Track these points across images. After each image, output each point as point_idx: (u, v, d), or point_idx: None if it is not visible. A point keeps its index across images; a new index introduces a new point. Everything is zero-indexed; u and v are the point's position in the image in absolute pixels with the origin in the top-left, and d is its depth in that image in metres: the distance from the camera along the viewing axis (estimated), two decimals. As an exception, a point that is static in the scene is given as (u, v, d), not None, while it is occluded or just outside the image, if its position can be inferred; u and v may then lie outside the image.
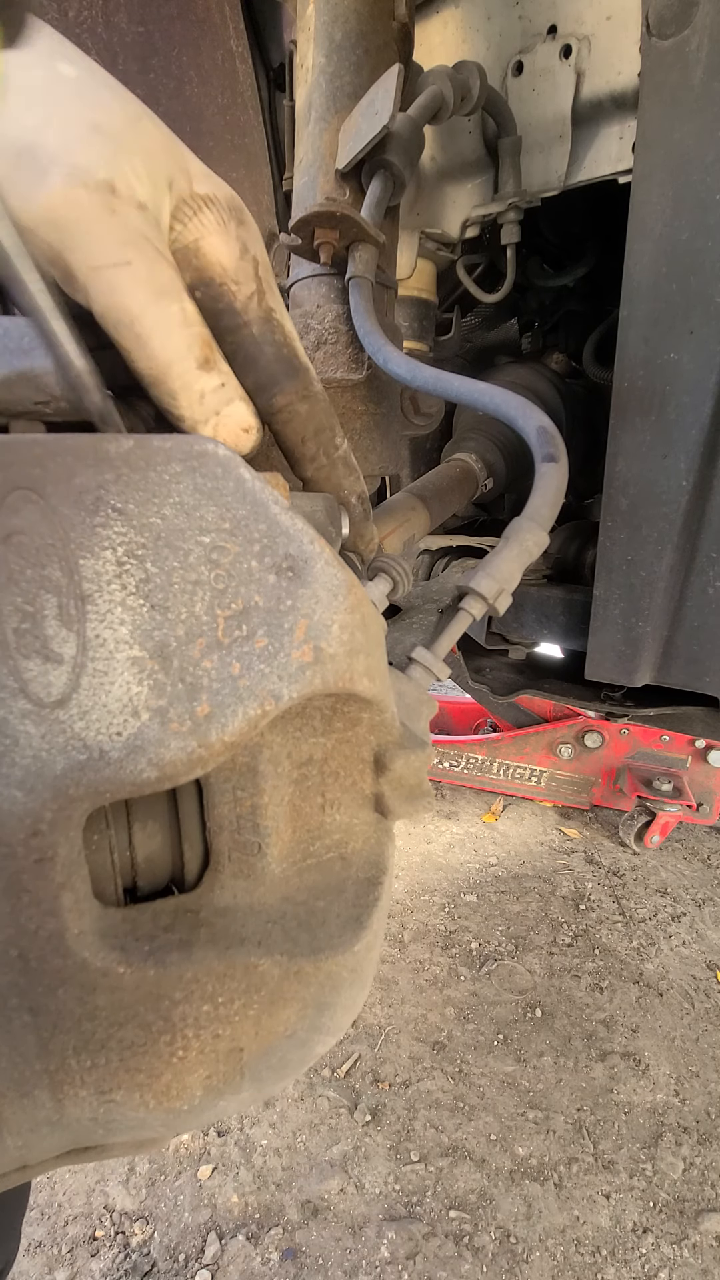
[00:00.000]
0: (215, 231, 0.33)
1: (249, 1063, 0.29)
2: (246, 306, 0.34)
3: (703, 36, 0.59)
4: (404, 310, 0.94)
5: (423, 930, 2.02)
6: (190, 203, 0.32)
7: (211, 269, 0.33)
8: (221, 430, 0.33)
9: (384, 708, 0.32)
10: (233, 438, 0.33)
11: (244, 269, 0.34)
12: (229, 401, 0.33)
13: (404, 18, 0.69)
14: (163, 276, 0.30)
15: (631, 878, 2.30)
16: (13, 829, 0.23)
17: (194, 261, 0.33)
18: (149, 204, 0.30)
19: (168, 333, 0.30)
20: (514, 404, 0.52)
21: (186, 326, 0.31)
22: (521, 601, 1.00)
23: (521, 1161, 1.40)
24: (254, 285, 0.34)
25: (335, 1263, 1.22)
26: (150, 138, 0.31)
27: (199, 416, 0.32)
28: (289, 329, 0.37)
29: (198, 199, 0.32)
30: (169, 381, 0.31)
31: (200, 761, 0.25)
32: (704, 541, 0.73)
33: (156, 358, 0.30)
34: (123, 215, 0.29)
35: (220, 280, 0.33)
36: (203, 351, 0.32)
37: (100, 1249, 1.24)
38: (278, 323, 0.36)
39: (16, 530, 0.23)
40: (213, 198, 0.33)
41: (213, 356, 0.32)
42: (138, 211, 0.29)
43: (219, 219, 0.33)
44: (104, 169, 0.28)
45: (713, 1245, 1.26)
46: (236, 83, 0.97)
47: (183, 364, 0.31)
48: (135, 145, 0.30)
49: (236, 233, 0.34)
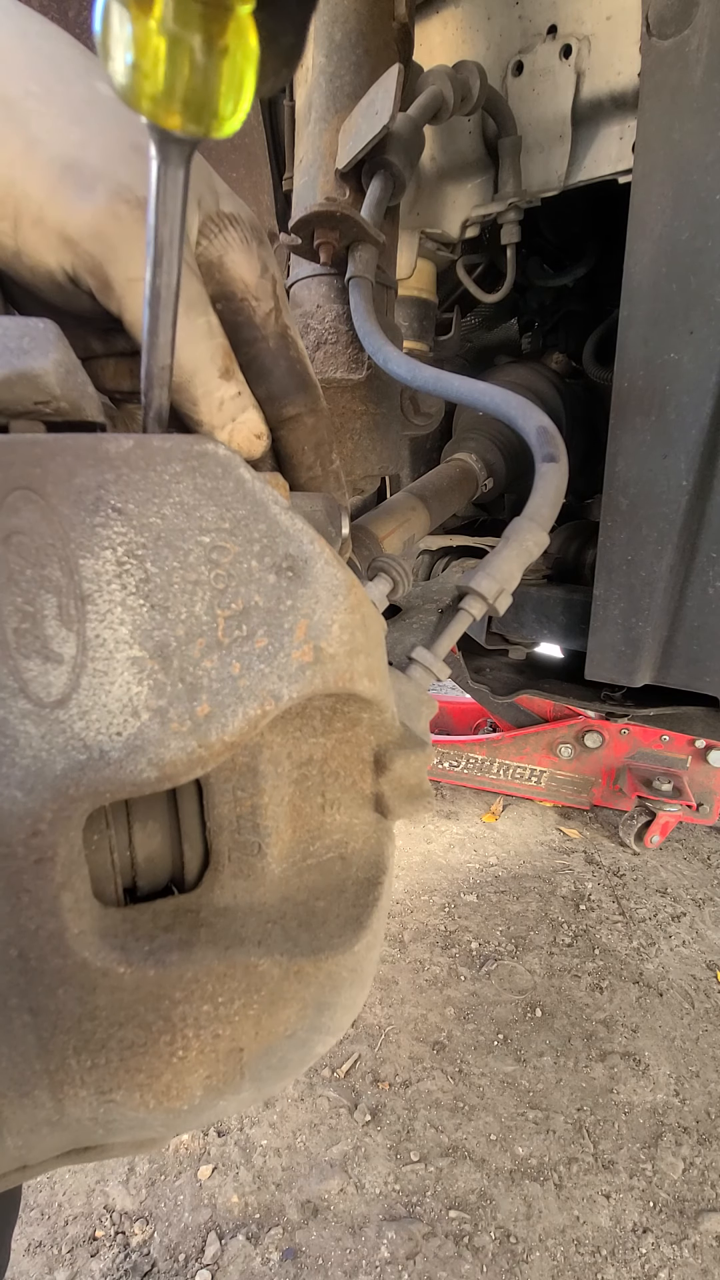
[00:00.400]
0: (238, 249, 0.35)
1: (249, 1063, 0.29)
2: (265, 322, 0.36)
3: (703, 36, 0.59)
4: (404, 310, 0.94)
5: (423, 930, 2.02)
6: (216, 220, 0.34)
7: (234, 284, 0.35)
8: (236, 435, 0.35)
9: (384, 708, 0.32)
10: (246, 443, 0.35)
11: (264, 286, 0.36)
12: (244, 409, 0.34)
13: (404, 18, 0.69)
14: (191, 290, 0.32)
15: (631, 878, 2.30)
16: (13, 829, 0.23)
17: (217, 276, 0.35)
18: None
19: (194, 343, 0.32)
20: (514, 404, 0.52)
21: (211, 338, 0.33)
22: (521, 601, 1.00)
23: (521, 1161, 1.40)
24: (272, 303, 0.36)
25: (335, 1263, 1.22)
26: None
27: (217, 422, 0.34)
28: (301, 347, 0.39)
29: (223, 217, 0.34)
30: (192, 389, 0.33)
31: (200, 761, 0.25)
32: (704, 541, 0.73)
33: (182, 367, 0.32)
34: None
35: (242, 295, 0.35)
36: (224, 362, 0.33)
37: (100, 1249, 1.24)
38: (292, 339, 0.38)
39: (16, 530, 0.23)
40: (237, 217, 0.35)
41: (232, 367, 0.34)
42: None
43: (242, 237, 0.35)
44: (142, 186, 0.30)
45: (713, 1245, 1.26)
46: (236, 83, 0.97)
47: (206, 373, 0.33)
48: None
49: (258, 252, 0.35)
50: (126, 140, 0.31)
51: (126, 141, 0.31)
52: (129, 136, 0.31)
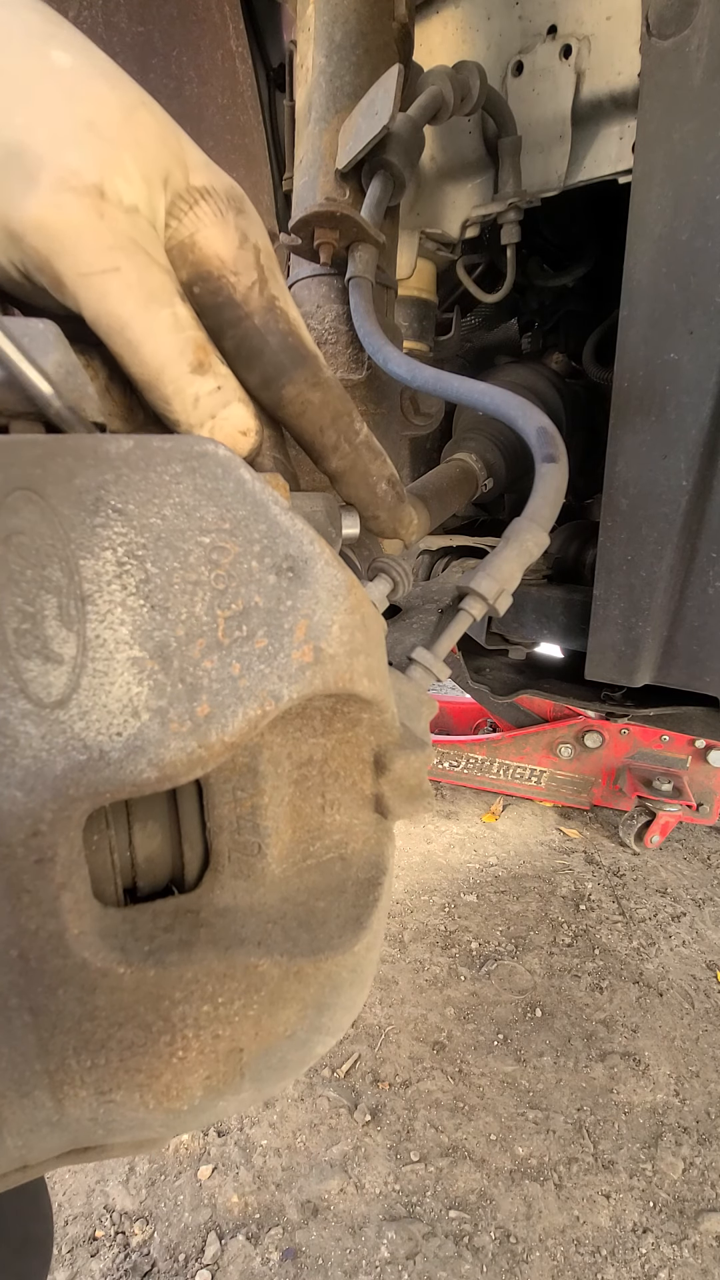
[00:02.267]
0: (211, 224, 0.32)
1: (249, 1063, 0.29)
2: (247, 297, 0.34)
3: (703, 36, 0.59)
4: (404, 310, 0.94)
5: (423, 930, 2.02)
6: (186, 197, 0.32)
7: (209, 262, 0.33)
8: (218, 434, 0.33)
9: (384, 708, 0.32)
10: (230, 441, 0.33)
11: (243, 258, 0.33)
12: (226, 404, 0.33)
13: (404, 18, 0.69)
14: (153, 281, 0.30)
15: (631, 878, 2.30)
16: (13, 829, 0.23)
17: (190, 256, 0.32)
18: (141, 205, 0.29)
19: (159, 338, 0.30)
20: (514, 404, 0.52)
21: (178, 331, 0.31)
22: (521, 601, 1.00)
23: (521, 1161, 1.40)
24: (255, 274, 0.34)
25: (335, 1263, 1.22)
26: (146, 130, 0.30)
27: (194, 421, 0.32)
28: (294, 316, 0.36)
29: (194, 192, 0.32)
30: (162, 386, 0.31)
31: (200, 762, 0.25)
32: (704, 541, 0.73)
33: (148, 363, 0.30)
34: (111, 220, 0.28)
35: (218, 273, 0.33)
36: (196, 356, 0.31)
37: (100, 1249, 1.24)
38: (281, 311, 0.35)
39: (16, 530, 0.23)
40: (210, 189, 0.32)
41: (207, 360, 0.32)
42: (127, 215, 0.29)
43: (215, 210, 0.32)
44: (94, 171, 0.28)
45: (713, 1245, 1.26)
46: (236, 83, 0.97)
47: (175, 369, 0.31)
48: (129, 142, 0.29)
49: (235, 222, 0.33)
50: (79, 117, 0.28)
51: (79, 118, 0.28)
52: (82, 112, 0.28)
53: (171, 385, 0.31)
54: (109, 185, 0.28)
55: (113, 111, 0.29)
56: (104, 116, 0.28)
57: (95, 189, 0.28)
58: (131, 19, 0.88)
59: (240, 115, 0.98)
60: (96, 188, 0.28)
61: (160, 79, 0.93)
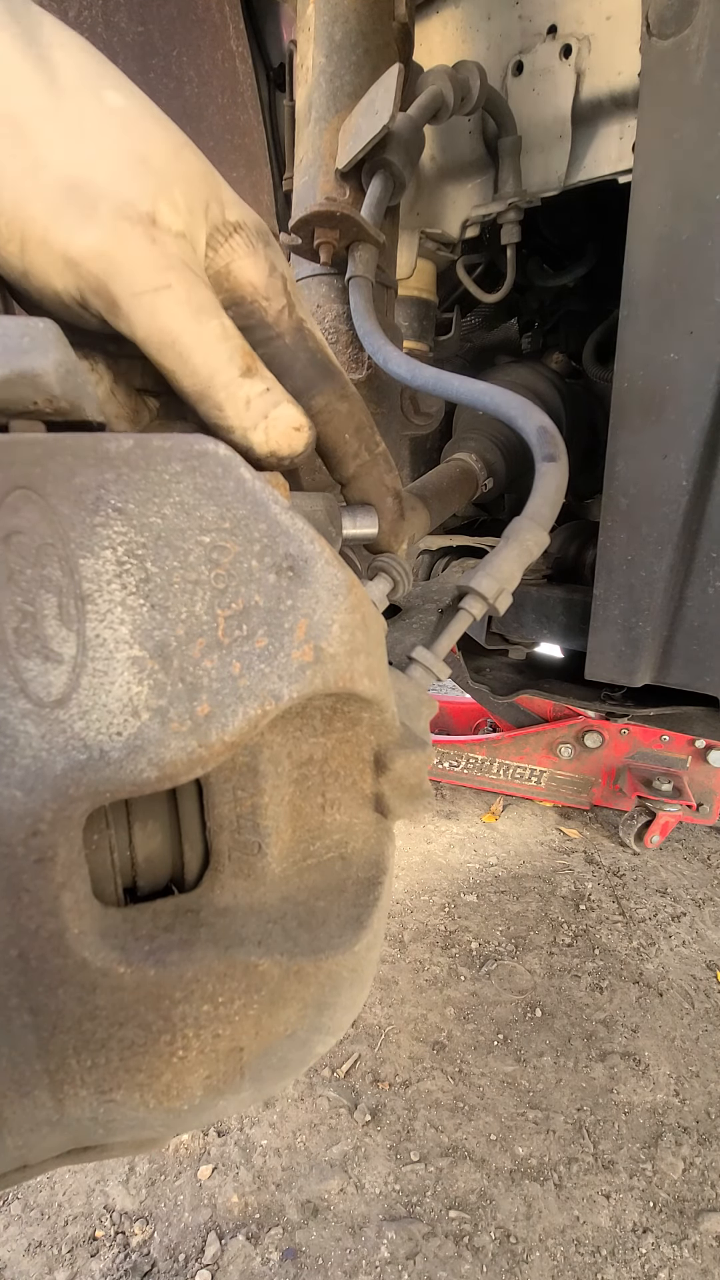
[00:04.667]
0: (245, 254, 0.35)
1: (249, 1062, 0.29)
2: (278, 319, 0.36)
3: (703, 36, 0.59)
4: (404, 310, 0.94)
5: (423, 930, 2.02)
6: (223, 229, 0.34)
7: (242, 289, 0.35)
8: (273, 432, 0.34)
9: (384, 707, 0.32)
10: (285, 438, 0.34)
11: (273, 285, 0.36)
12: (276, 404, 0.34)
13: (404, 18, 0.69)
14: (200, 296, 0.32)
15: (631, 878, 2.30)
16: (13, 829, 0.23)
17: (225, 284, 0.35)
18: (187, 232, 0.32)
19: (209, 347, 0.32)
20: (514, 404, 0.52)
21: (226, 339, 0.33)
22: (521, 601, 1.00)
23: (521, 1161, 1.40)
24: (284, 300, 0.37)
25: (335, 1263, 1.22)
26: (191, 167, 0.33)
27: (248, 423, 0.33)
28: (319, 337, 0.39)
29: (229, 225, 0.34)
30: (214, 394, 0.33)
31: (200, 761, 0.25)
32: (704, 541, 0.73)
33: (199, 372, 0.32)
34: (162, 244, 0.31)
35: (251, 298, 0.36)
36: (244, 361, 0.33)
37: (100, 1249, 1.24)
38: (309, 331, 0.38)
39: (16, 530, 0.23)
40: (242, 224, 0.35)
41: (254, 365, 0.34)
42: (176, 240, 0.31)
43: (248, 242, 0.35)
44: (147, 201, 0.30)
45: (713, 1245, 1.26)
46: (236, 83, 0.97)
47: (226, 374, 0.32)
48: (177, 176, 0.32)
49: (265, 253, 0.36)
50: (134, 153, 0.31)
51: (134, 154, 0.31)
52: (137, 148, 0.31)
53: (224, 390, 0.33)
54: (160, 214, 0.31)
55: (163, 148, 0.32)
56: (155, 153, 0.31)
57: (149, 217, 0.30)
58: (131, 19, 0.88)
59: (240, 115, 0.98)
60: (150, 216, 0.30)
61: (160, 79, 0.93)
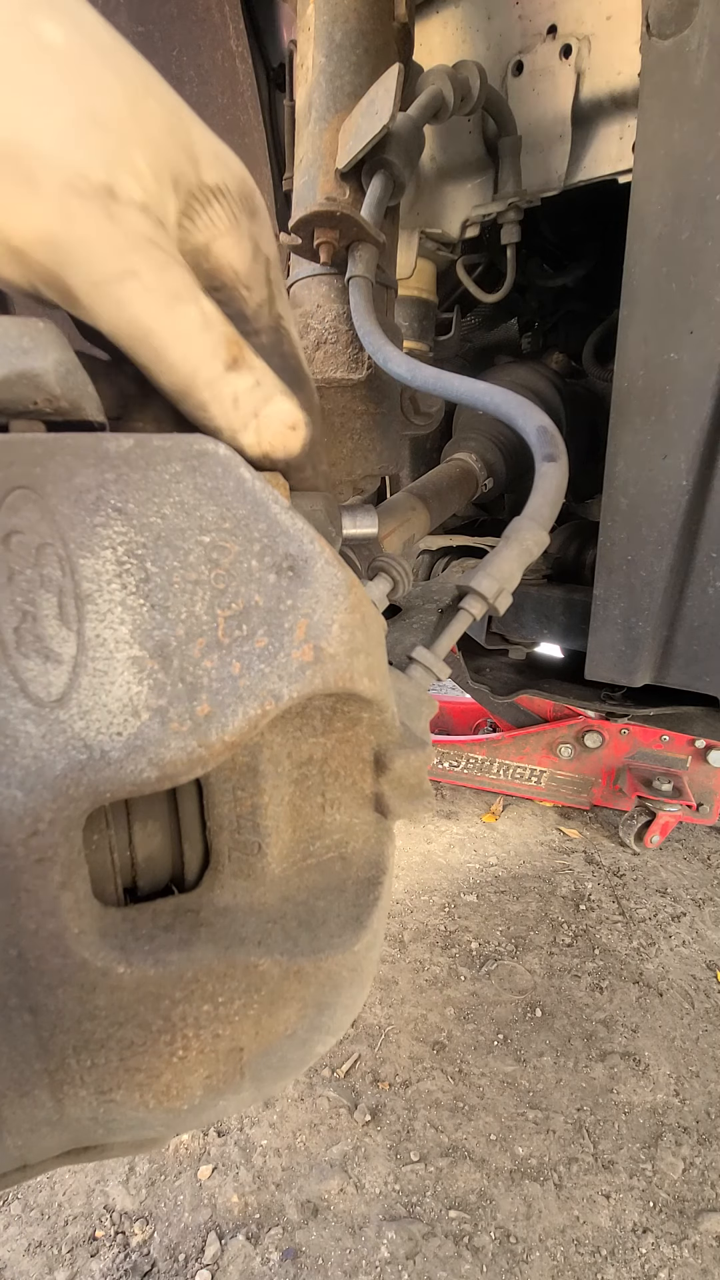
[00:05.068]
0: (227, 231, 0.30)
1: (249, 1062, 0.29)
2: (258, 314, 0.32)
3: (703, 36, 0.59)
4: (404, 310, 0.94)
5: (423, 930, 2.02)
6: (199, 195, 0.29)
7: (223, 273, 0.31)
8: (265, 433, 0.30)
9: (384, 707, 0.32)
10: (280, 439, 0.31)
11: (256, 273, 0.31)
12: (268, 400, 0.30)
13: (404, 17, 0.69)
14: (173, 279, 0.27)
15: (631, 878, 2.30)
16: (13, 829, 0.23)
17: (204, 265, 0.30)
18: (153, 203, 0.27)
19: (188, 340, 0.27)
20: (514, 404, 0.52)
21: (207, 329, 0.28)
22: (521, 601, 1.00)
23: (521, 1161, 1.40)
24: (265, 291, 0.32)
25: (335, 1263, 1.22)
26: (154, 121, 0.27)
27: (236, 424, 0.30)
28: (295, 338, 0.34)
29: (206, 191, 0.29)
30: (197, 392, 0.28)
31: (200, 761, 0.25)
32: (704, 541, 0.73)
33: (178, 369, 0.28)
34: (123, 221, 0.25)
35: (232, 285, 0.31)
36: (230, 352, 0.28)
37: (100, 1249, 1.24)
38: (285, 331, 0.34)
39: (16, 530, 0.23)
40: (222, 188, 0.29)
41: (241, 355, 0.29)
42: (140, 213, 0.26)
43: (230, 215, 0.30)
44: (102, 170, 0.24)
45: (713, 1245, 1.26)
46: (236, 83, 0.97)
47: (209, 369, 0.28)
48: (137, 134, 0.26)
49: (249, 229, 0.31)
50: (81, 107, 0.24)
51: (81, 109, 0.24)
52: (84, 100, 0.24)
53: (208, 389, 0.28)
54: (119, 184, 0.25)
55: (117, 100, 0.25)
56: (108, 107, 0.25)
57: (105, 189, 0.25)
58: (131, 19, 0.88)
59: (240, 115, 0.98)
60: (106, 188, 0.25)
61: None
